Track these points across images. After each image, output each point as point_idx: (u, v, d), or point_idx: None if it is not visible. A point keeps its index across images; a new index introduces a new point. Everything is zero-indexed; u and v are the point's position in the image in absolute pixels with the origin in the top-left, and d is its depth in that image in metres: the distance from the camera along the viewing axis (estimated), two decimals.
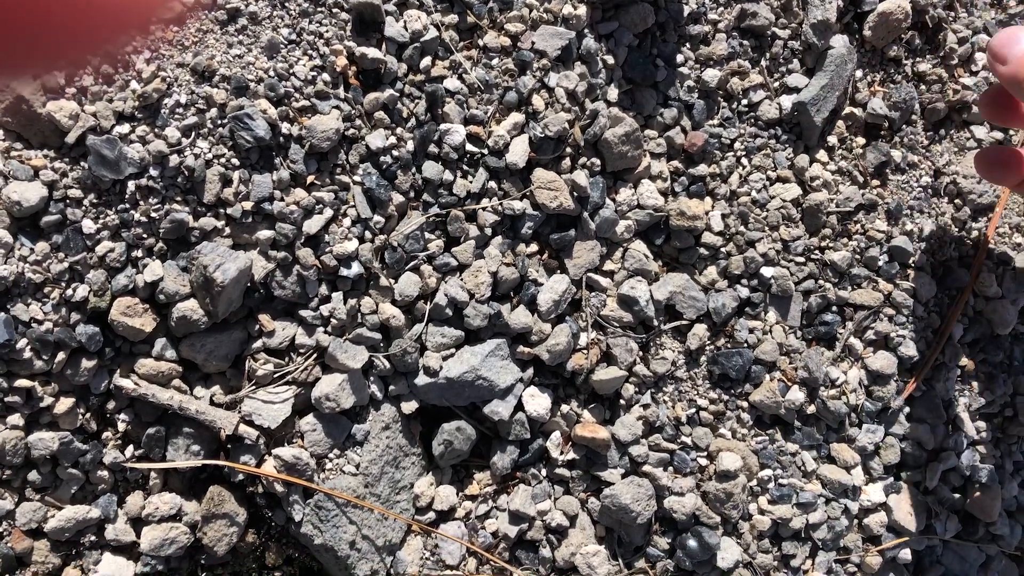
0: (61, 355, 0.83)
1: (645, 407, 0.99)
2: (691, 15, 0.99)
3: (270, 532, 0.94)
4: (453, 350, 0.93)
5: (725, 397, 1.02)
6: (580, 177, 0.93)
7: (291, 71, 0.86)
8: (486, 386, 0.93)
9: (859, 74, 1.06)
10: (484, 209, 0.92)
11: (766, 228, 1.02)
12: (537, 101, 0.92)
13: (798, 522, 1.02)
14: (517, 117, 0.92)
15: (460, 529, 0.96)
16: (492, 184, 0.92)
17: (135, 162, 0.82)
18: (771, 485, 1.02)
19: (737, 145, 1.02)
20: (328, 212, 0.88)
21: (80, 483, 0.88)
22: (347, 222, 0.89)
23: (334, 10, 0.88)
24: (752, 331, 1.02)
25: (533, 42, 0.92)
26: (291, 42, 0.87)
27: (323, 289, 0.90)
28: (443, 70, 0.91)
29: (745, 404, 1.02)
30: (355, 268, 0.89)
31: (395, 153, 0.90)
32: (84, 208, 0.82)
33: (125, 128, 0.82)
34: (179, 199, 0.84)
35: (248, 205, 0.86)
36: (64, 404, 0.84)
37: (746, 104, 1.02)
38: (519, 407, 0.96)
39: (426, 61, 0.90)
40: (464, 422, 0.95)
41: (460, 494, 0.98)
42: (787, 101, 1.02)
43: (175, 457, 0.88)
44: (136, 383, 0.86)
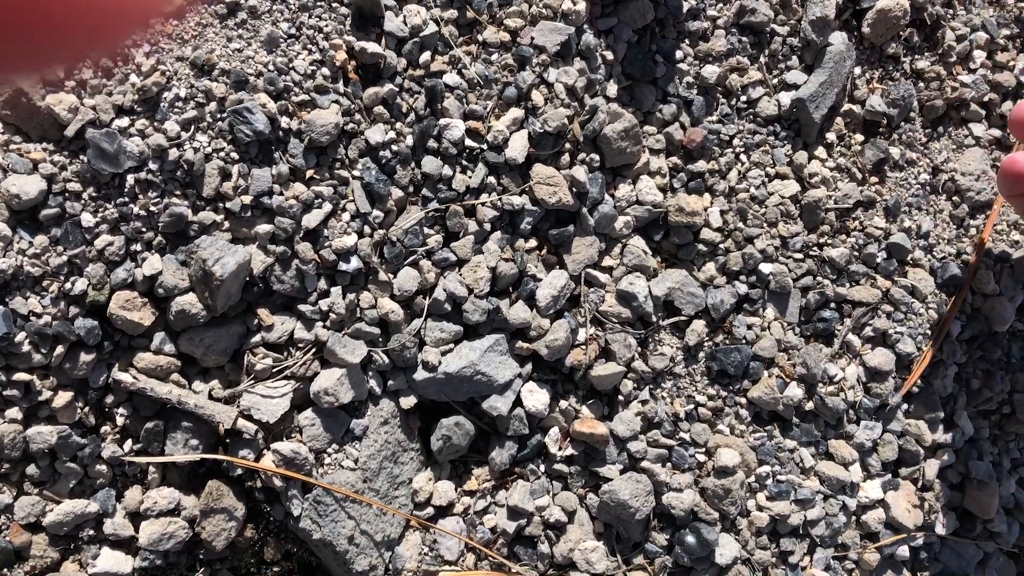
0: (60, 349, 0.83)
1: (643, 403, 0.99)
2: (690, 11, 1.00)
3: (269, 527, 0.93)
4: (452, 345, 0.93)
5: (723, 393, 1.02)
6: (579, 173, 0.93)
7: (290, 65, 0.86)
8: (485, 381, 0.93)
9: (858, 71, 1.06)
10: (483, 204, 0.92)
11: (765, 224, 1.02)
12: (536, 97, 0.92)
13: (796, 518, 1.02)
14: (516, 112, 0.92)
15: (458, 524, 0.96)
16: (491, 179, 0.92)
17: (134, 156, 0.82)
18: (769, 481, 1.02)
19: (736, 141, 1.02)
20: (327, 207, 0.88)
21: (79, 477, 0.88)
22: (346, 217, 0.89)
23: (333, 4, 0.88)
24: (750, 327, 1.02)
25: (532, 37, 0.92)
26: (291, 36, 0.87)
27: (322, 284, 0.90)
28: (442, 65, 0.91)
29: (743, 400, 1.02)
30: (354, 263, 0.89)
31: (394, 148, 0.90)
32: (83, 202, 0.82)
33: (124, 122, 0.82)
34: (178, 193, 0.84)
35: (247, 199, 0.86)
36: (63, 398, 0.84)
37: (745, 100, 1.02)
38: (518, 402, 0.96)
39: (426, 56, 0.90)
40: (463, 417, 0.95)
41: (459, 489, 0.98)
42: (786, 98, 1.02)
43: (174, 451, 0.88)
44: (135, 377, 0.86)
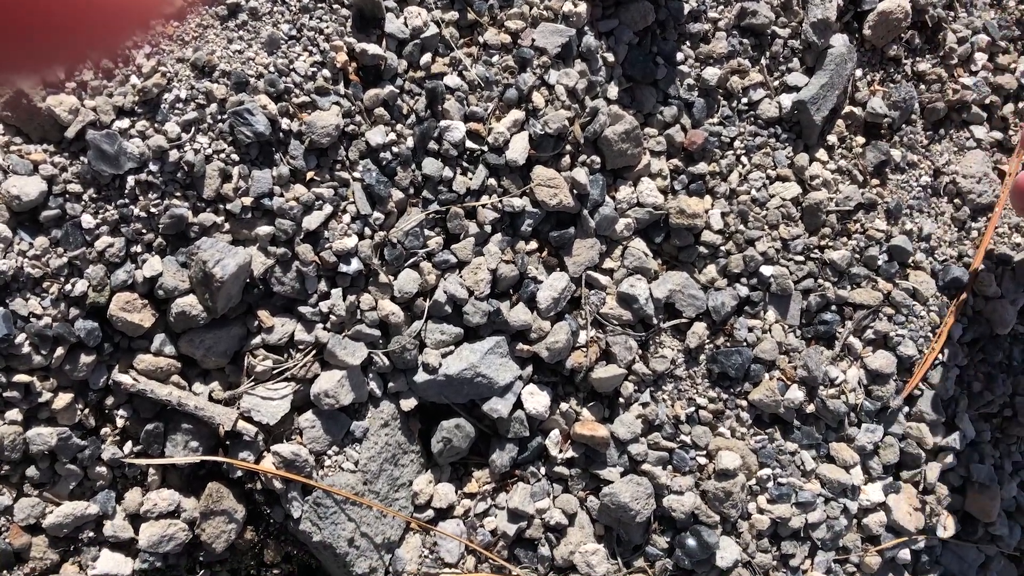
0: (60, 350, 0.83)
1: (644, 405, 0.98)
2: (691, 13, 0.99)
3: (268, 529, 0.93)
4: (452, 347, 0.93)
5: (724, 396, 1.02)
6: (580, 175, 0.93)
7: (291, 67, 0.86)
8: (485, 383, 0.93)
9: (859, 73, 1.06)
10: (484, 206, 0.92)
11: (766, 227, 1.02)
12: (537, 98, 0.92)
13: (797, 521, 1.02)
14: (517, 114, 0.92)
15: (459, 527, 0.96)
16: (492, 181, 0.92)
17: (135, 157, 0.82)
18: (770, 484, 1.02)
19: (737, 143, 1.02)
20: (328, 208, 0.88)
21: (78, 479, 0.87)
22: (347, 218, 0.89)
23: (334, 6, 0.88)
24: (751, 330, 1.02)
25: (533, 39, 0.92)
26: (291, 38, 0.87)
27: (322, 285, 0.90)
28: (443, 67, 0.91)
29: (744, 403, 1.02)
30: (354, 264, 0.89)
31: (395, 149, 0.90)
32: (83, 203, 0.82)
33: (125, 123, 0.82)
34: (179, 194, 0.84)
35: (248, 201, 0.85)
36: (63, 399, 0.84)
37: (746, 103, 1.02)
38: (518, 405, 0.96)
39: (426, 58, 0.90)
40: (463, 420, 0.95)
41: (459, 492, 0.98)
42: (787, 100, 1.02)
43: (174, 453, 0.88)
44: (135, 379, 0.86)
